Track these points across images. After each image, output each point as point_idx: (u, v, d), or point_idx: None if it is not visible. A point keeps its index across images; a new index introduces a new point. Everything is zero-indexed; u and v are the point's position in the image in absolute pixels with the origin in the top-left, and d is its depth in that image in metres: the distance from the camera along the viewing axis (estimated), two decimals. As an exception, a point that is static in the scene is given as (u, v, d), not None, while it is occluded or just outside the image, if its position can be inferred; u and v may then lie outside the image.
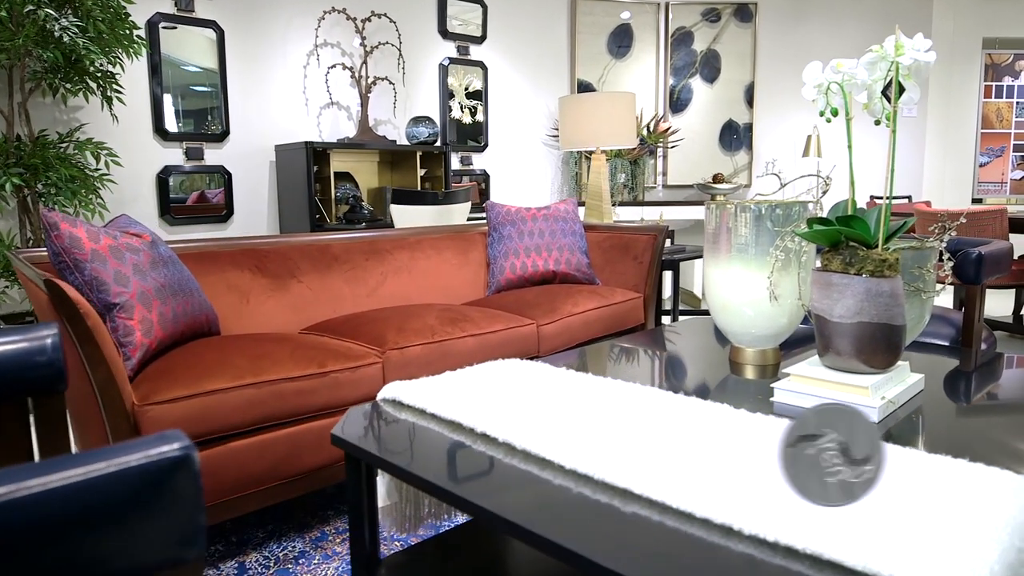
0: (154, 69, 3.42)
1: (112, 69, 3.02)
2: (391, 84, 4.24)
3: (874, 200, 5.05)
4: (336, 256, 2.38)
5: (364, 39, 4.05)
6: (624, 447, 1.03)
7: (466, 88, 4.63)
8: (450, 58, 4.52)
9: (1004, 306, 4.86)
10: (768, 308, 1.52)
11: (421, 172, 4.16)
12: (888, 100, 1.33)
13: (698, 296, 4.83)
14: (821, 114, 1.45)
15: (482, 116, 4.72)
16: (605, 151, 4.98)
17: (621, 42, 5.15)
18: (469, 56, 4.63)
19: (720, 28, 5.32)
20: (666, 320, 3.91)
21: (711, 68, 5.35)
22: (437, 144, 4.27)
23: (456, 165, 4.65)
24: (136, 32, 2.95)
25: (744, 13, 5.35)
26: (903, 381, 1.31)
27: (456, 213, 3.51)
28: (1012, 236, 3.62)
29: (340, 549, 1.75)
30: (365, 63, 4.03)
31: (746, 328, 1.57)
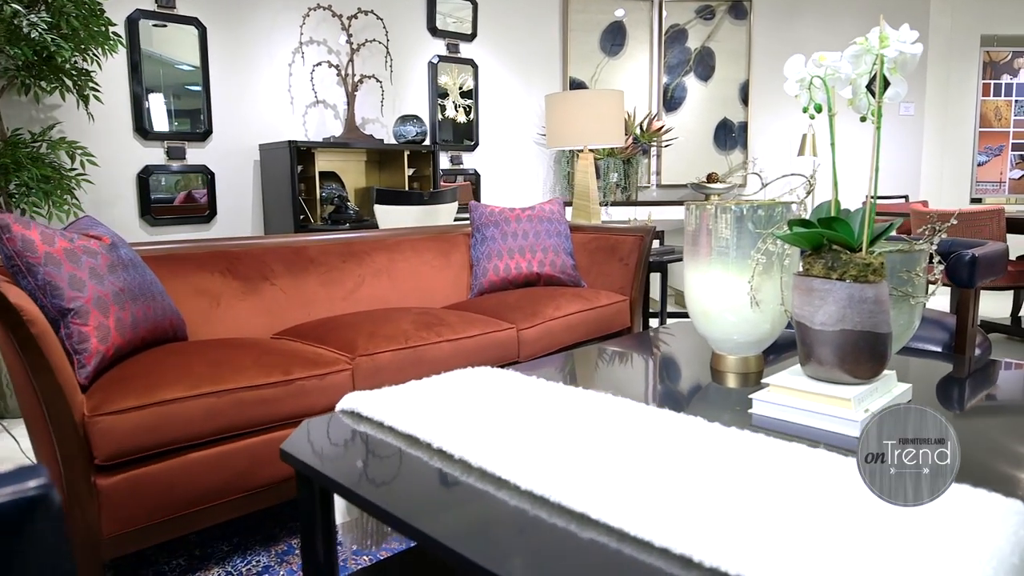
0: (134, 67, 3.35)
1: (88, 67, 2.95)
2: (378, 82, 4.17)
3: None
4: (312, 258, 2.31)
5: (351, 36, 3.98)
6: (585, 466, 0.96)
7: (461, 87, 4.56)
8: (439, 56, 4.46)
9: (1002, 307, 4.79)
10: (750, 314, 1.45)
11: (409, 172, 4.09)
12: (874, 95, 1.26)
13: (692, 297, 4.75)
14: (804, 110, 1.38)
15: (472, 115, 4.65)
16: (597, 150, 4.90)
17: (614, 40, 5.08)
18: (459, 54, 4.56)
19: (714, 25, 5.25)
20: (654, 323, 3.84)
21: (705, 66, 5.28)
22: (426, 143, 4.20)
23: (446, 165, 4.58)
24: (112, 29, 2.88)
25: (738, 10, 5.28)
26: (889, 392, 1.24)
27: (442, 213, 3.44)
28: (1010, 236, 3.55)
29: (306, 564, 1.68)
30: (352, 61, 3.96)
31: (727, 335, 1.50)
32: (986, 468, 1.00)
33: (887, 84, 1.19)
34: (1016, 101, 5.68)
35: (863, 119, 1.29)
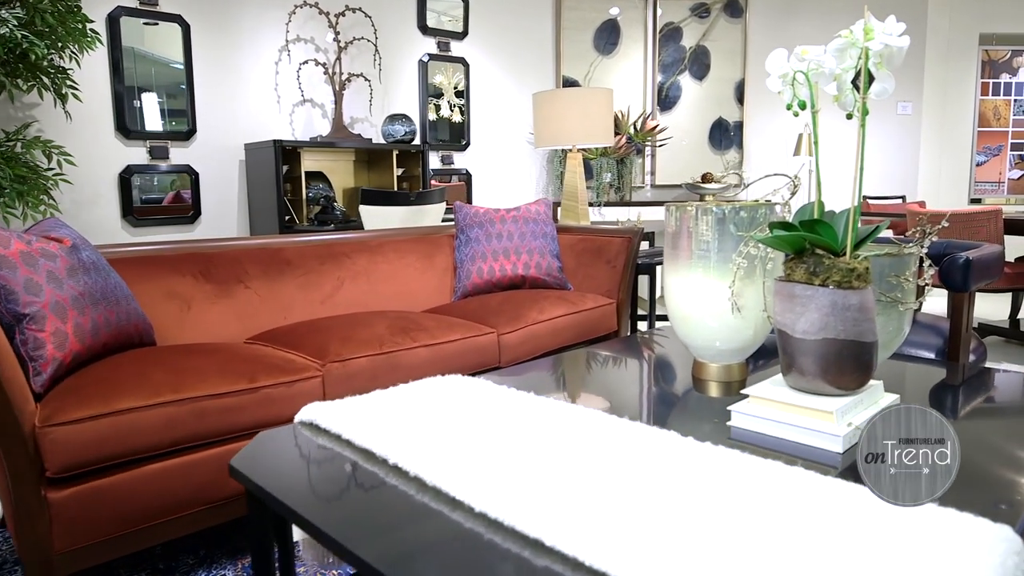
0: (115, 65, 3.29)
1: (65, 64, 2.88)
2: (367, 81, 4.10)
3: (867, 201, 4.91)
4: (289, 260, 2.25)
5: (338, 34, 3.92)
6: (544, 486, 0.90)
7: (456, 87, 4.50)
8: (430, 54, 4.39)
9: (1000, 310, 4.72)
10: (732, 320, 1.39)
11: (398, 172, 4.03)
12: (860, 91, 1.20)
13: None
14: (788, 107, 1.32)
15: (464, 114, 4.58)
16: (589, 149, 4.84)
17: (608, 38, 5.01)
18: (450, 52, 4.50)
19: (710, 23, 5.18)
20: (643, 326, 3.77)
21: (700, 65, 5.21)
22: (415, 143, 4.14)
23: (437, 165, 4.51)
24: (89, 26, 2.82)
25: (734, 8, 5.21)
26: (875, 403, 1.17)
27: (430, 214, 3.38)
28: (1008, 238, 3.49)
29: (273, 579, 1.61)
30: (339, 59, 3.90)
31: (708, 341, 1.44)
32: (974, 488, 0.93)
33: (872, 79, 1.12)
34: (1015, 100, 5.61)
35: (849, 116, 1.23)
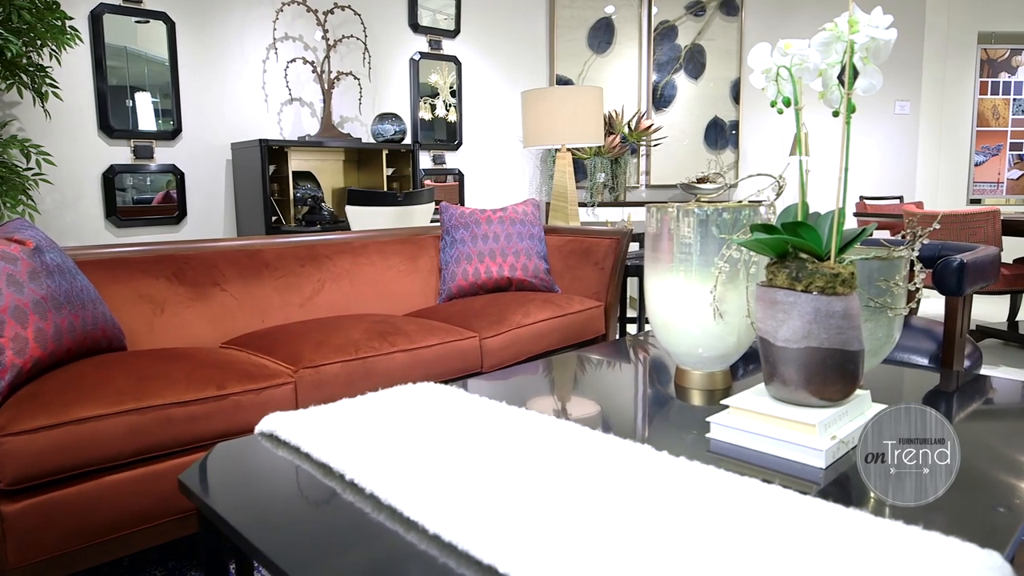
0: (98, 63, 3.23)
1: (44, 62, 2.83)
2: (356, 80, 4.05)
3: (864, 202, 4.85)
4: (267, 262, 2.19)
5: (327, 32, 3.87)
6: (504, 506, 0.85)
7: (451, 86, 4.45)
8: (421, 53, 4.34)
9: (999, 311, 4.67)
10: (714, 326, 1.33)
11: (388, 172, 3.97)
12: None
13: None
14: (772, 104, 1.26)
15: (456, 114, 4.53)
16: (582, 149, 4.79)
17: (602, 37, 4.96)
18: (441, 51, 4.45)
19: (705, 22, 5.13)
20: (633, 329, 3.71)
21: (696, 64, 5.16)
22: (405, 142, 4.08)
23: (429, 164, 4.46)
24: (69, 23, 2.77)
25: (730, 6, 5.16)
26: (861, 414, 1.12)
27: (418, 215, 3.32)
28: (1006, 239, 3.43)
29: (242, 593, 1.56)
30: (328, 57, 3.85)
31: (691, 348, 1.38)
32: (962, 506, 0.88)
33: (856, 73, 1.07)
34: (1014, 99, 5.55)
35: (835, 114, 1.17)
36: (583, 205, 4.74)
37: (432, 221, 3.38)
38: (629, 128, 4.95)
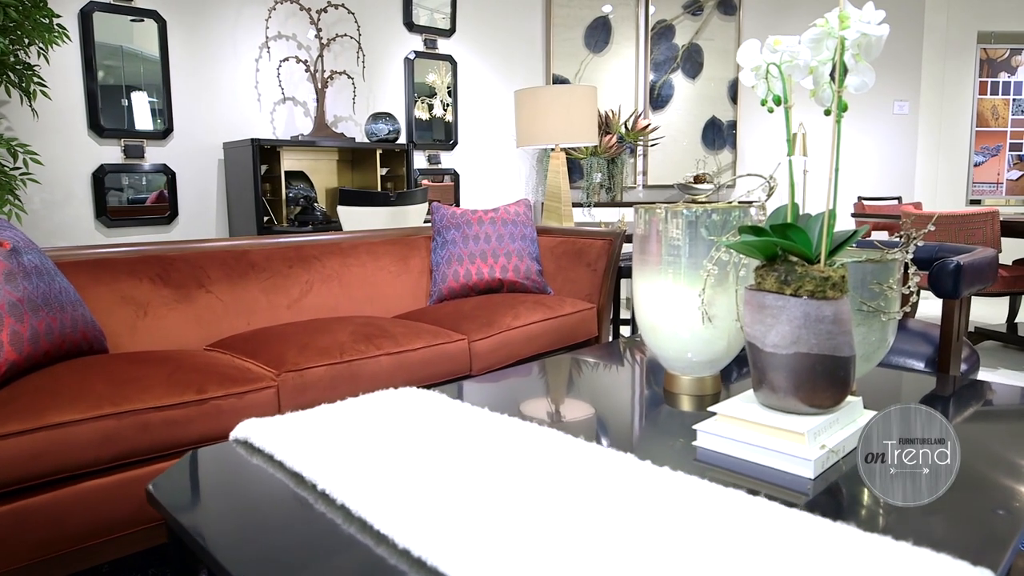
0: (88, 62, 3.20)
1: (32, 60, 2.80)
2: (350, 79, 4.02)
3: (862, 202, 4.82)
4: (253, 263, 2.16)
5: (320, 31, 3.83)
6: (476, 518, 0.81)
7: (449, 86, 4.41)
8: (416, 52, 4.30)
9: (998, 313, 4.63)
10: (704, 330, 1.30)
11: (382, 172, 3.94)
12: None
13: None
14: (763, 103, 1.24)
15: (451, 113, 4.50)
16: (579, 148, 4.75)
17: (599, 36, 4.92)
18: (437, 50, 4.41)
19: (703, 21, 5.09)
20: (626, 331, 3.68)
21: (693, 63, 5.12)
22: (400, 142, 4.05)
23: (424, 164, 4.43)
24: (57, 21, 2.73)
25: (728, 6, 5.12)
26: (853, 422, 1.09)
27: (411, 215, 3.29)
28: (1005, 240, 3.40)
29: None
30: (321, 56, 3.81)
31: (680, 353, 1.35)
32: (954, 520, 0.85)
33: (845, 70, 1.04)
34: (1014, 100, 5.52)
35: (827, 112, 1.14)
36: (579, 205, 4.70)
37: (425, 222, 3.34)
38: (626, 128, 4.92)
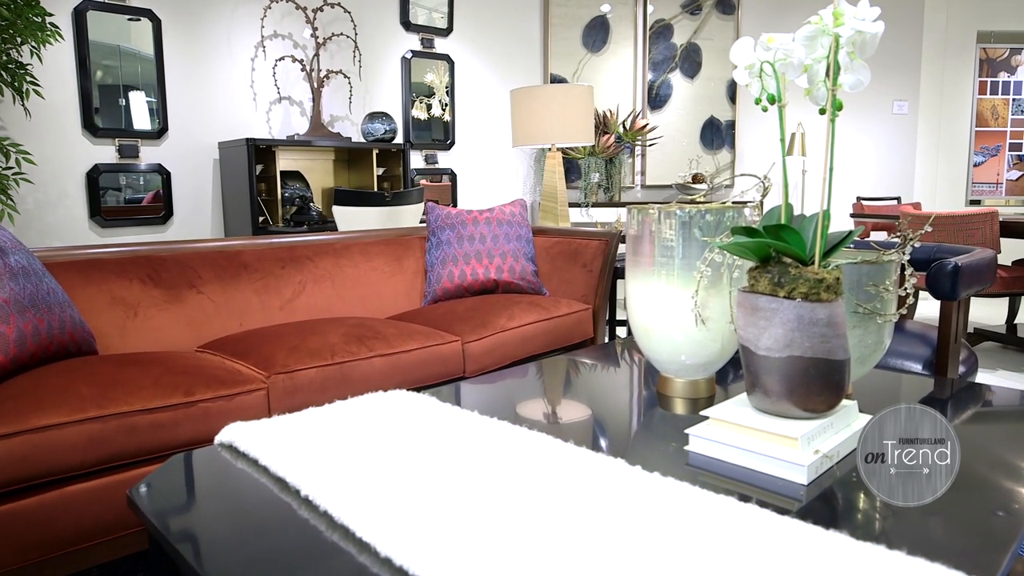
0: (82, 61, 3.18)
1: (25, 60, 2.78)
2: (347, 78, 4.00)
3: (861, 202, 4.80)
4: (246, 264, 2.14)
5: (316, 30, 3.82)
6: (460, 525, 0.80)
7: (447, 86, 4.40)
8: (413, 51, 4.29)
9: (997, 314, 4.61)
10: (697, 332, 1.28)
11: (379, 171, 3.92)
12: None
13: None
14: (757, 102, 1.21)
15: (448, 113, 4.48)
16: (576, 148, 4.74)
17: (597, 35, 4.91)
18: (434, 49, 4.39)
19: (701, 20, 5.08)
20: (622, 332, 3.66)
21: (692, 63, 5.11)
22: (396, 141, 4.03)
23: (421, 164, 4.41)
24: (49, 19, 2.72)
25: (726, 5, 5.10)
26: (848, 426, 1.07)
27: (406, 215, 3.27)
28: (1005, 241, 3.38)
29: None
30: (317, 56, 3.80)
31: (673, 355, 1.33)
32: (952, 524, 0.83)
33: (838, 68, 1.02)
34: (1014, 99, 5.50)
35: (822, 111, 1.12)
36: (576, 206, 4.69)
37: (421, 222, 3.33)
38: (624, 128, 4.90)
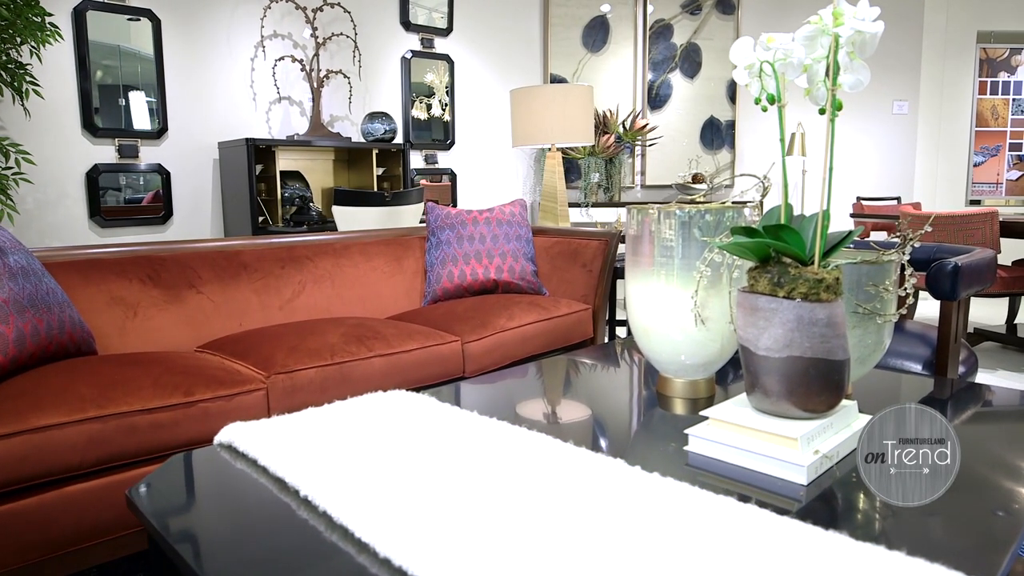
0: (81, 61, 3.18)
1: (24, 60, 2.78)
2: (346, 78, 4.00)
3: (861, 202, 4.80)
4: (245, 264, 2.14)
5: (315, 30, 3.82)
6: (461, 525, 0.79)
7: (447, 86, 4.40)
8: (413, 51, 4.29)
9: (997, 314, 4.61)
10: (697, 332, 1.28)
11: (378, 171, 3.92)
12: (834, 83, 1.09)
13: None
14: (756, 102, 1.21)
15: (448, 113, 4.48)
16: (576, 148, 4.73)
17: (597, 35, 4.91)
18: (434, 49, 4.39)
19: (701, 20, 5.08)
20: (622, 332, 3.66)
21: (691, 63, 5.10)
22: (396, 141, 4.03)
23: (421, 164, 4.41)
24: (49, 19, 2.72)
25: (726, 5, 5.10)
26: (848, 426, 1.07)
27: (406, 215, 3.27)
28: (1005, 241, 3.38)
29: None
30: (317, 55, 3.79)
31: (673, 355, 1.33)
32: (952, 524, 0.83)
33: (838, 68, 1.02)
34: (1014, 99, 5.50)
35: (822, 111, 1.12)
36: (576, 206, 4.69)
37: (421, 222, 3.32)
38: (624, 128, 4.90)
